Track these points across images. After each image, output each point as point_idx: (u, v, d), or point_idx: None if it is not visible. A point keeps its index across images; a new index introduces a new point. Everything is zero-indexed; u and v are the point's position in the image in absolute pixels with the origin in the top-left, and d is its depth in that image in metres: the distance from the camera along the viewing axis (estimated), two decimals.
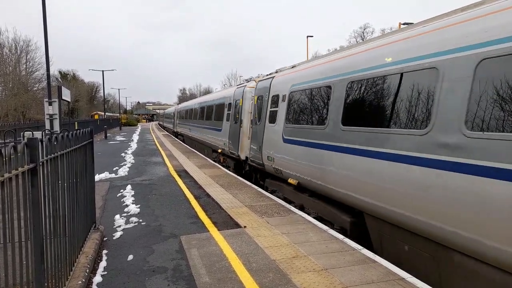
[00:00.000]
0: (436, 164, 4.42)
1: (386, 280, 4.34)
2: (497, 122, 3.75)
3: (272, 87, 10.21)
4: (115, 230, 6.41)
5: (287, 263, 4.85)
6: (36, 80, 43.85)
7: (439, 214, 4.36)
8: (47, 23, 14.87)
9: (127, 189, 9.86)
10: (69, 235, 4.21)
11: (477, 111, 3.97)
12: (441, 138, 4.35)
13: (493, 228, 3.76)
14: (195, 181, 11.03)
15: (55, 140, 3.82)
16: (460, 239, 4.14)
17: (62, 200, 4.00)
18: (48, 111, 14.58)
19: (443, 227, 4.33)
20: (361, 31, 59.68)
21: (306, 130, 7.84)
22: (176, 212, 7.57)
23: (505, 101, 3.72)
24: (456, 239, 4.20)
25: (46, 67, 15.94)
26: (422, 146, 4.62)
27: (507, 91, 3.72)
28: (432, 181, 4.45)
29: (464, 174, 4.04)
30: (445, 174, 4.28)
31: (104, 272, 4.73)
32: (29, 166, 3.03)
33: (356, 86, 6.27)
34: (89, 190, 5.65)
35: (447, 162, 4.26)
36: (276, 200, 8.49)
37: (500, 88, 3.79)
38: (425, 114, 4.68)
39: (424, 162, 4.60)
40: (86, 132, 5.45)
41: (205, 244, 5.65)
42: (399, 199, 5.05)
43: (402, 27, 8.24)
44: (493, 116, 3.81)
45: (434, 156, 4.45)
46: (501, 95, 3.77)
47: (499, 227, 3.69)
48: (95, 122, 42.26)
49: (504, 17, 3.91)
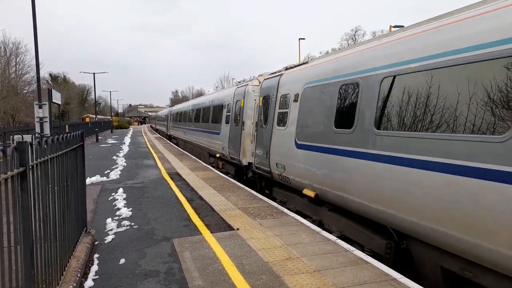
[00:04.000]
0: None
1: (378, 280, 4.37)
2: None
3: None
4: (107, 234, 6.36)
5: (280, 265, 4.85)
6: (26, 83, 43.39)
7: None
8: (37, 26, 14.72)
9: (119, 192, 9.78)
10: (60, 239, 4.16)
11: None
12: None
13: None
14: (188, 184, 10.99)
15: (45, 144, 3.78)
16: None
17: (52, 204, 3.96)
18: (38, 114, 14.42)
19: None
20: (352, 33, 60.11)
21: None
22: (169, 215, 7.53)
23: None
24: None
25: (36, 70, 15.76)
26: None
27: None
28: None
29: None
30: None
31: (95, 276, 4.68)
32: (18, 170, 2.99)
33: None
34: (80, 193, 5.60)
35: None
36: (269, 202, 8.49)
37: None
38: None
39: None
40: (76, 135, 5.40)
41: (197, 247, 5.63)
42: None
43: (393, 30, 8.28)
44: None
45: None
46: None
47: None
48: (86, 125, 41.89)
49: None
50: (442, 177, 4.21)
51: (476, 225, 3.83)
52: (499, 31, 3.74)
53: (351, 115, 6.02)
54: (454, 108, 4.18)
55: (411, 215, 4.70)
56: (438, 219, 4.28)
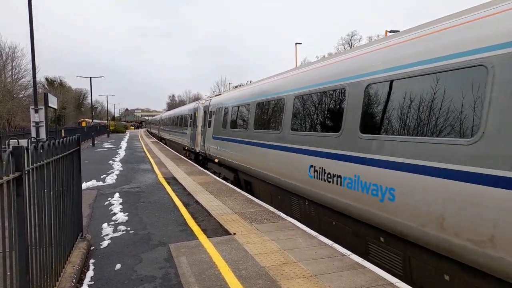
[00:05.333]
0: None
1: (375, 285, 4.37)
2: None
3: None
4: (103, 239, 6.32)
5: (277, 270, 4.85)
6: (22, 87, 43.25)
7: None
8: (33, 30, 14.70)
9: (115, 197, 9.74)
10: (55, 244, 4.14)
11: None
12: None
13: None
14: (184, 188, 10.97)
15: (41, 148, 3.77)
16: None
17: (48, 209, 3.94)
18: (34, 118, 14.36)
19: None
20: (348, 38, 60.46)
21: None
22: (165, 220, 7.51)
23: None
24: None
25: (33, 74, 15.73)
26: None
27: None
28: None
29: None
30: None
31: (91, 282, 4.65)
32: (14, 175, 2.98)
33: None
34: (76, 198, 5.58)
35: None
36: (266, 207, 8.49)
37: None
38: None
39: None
40: (73, 139, 5.39)
41: (194, 252, 5.61)
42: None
43: (388, 34, 8.57)
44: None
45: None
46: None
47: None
48: (83, 129, 41.73)
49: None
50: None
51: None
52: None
53: (229, 121, 13.00)
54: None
55: (239, 160, 11.64)
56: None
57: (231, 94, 14.38)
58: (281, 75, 9.80)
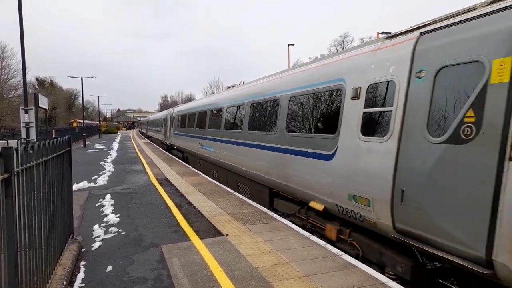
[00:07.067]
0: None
1: (367, 285, 4.40)
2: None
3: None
4: (94, 241, 6.27)
5: (270, 271, 4.85)
6: (12, 87, 42.77)
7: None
8: (23, 30, 14.53)
9: (106, 198, 9.67)
10: (45, 246, 4.09)
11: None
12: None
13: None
14: (177, 189, 10.92)
15: (31, 149, 3.73)
16: None
17: (38, 210, 3.89)
18: (24, 119, 14.16)
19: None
20: (341, 40, 60.78)
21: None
22: (157, 221, 7.47)
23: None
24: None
25: (23, 74, 15.52)
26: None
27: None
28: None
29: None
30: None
31: (81, 284, 4.61)
32: (3, 176, 2.94)
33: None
34: (66, 200, 5.52)
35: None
36: (259, 208, 8.49)
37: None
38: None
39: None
40: (63, 140, 5.33)
41: (186, 253, 5.59)
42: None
43: (380, 36, 8.90)
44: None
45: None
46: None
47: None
48: (74, 130, 41.35)
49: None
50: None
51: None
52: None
53: (186, 122, 20.25)
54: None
55: (183, 145, 21.39)
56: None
57: (184, 106, 24.60)
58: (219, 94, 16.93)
